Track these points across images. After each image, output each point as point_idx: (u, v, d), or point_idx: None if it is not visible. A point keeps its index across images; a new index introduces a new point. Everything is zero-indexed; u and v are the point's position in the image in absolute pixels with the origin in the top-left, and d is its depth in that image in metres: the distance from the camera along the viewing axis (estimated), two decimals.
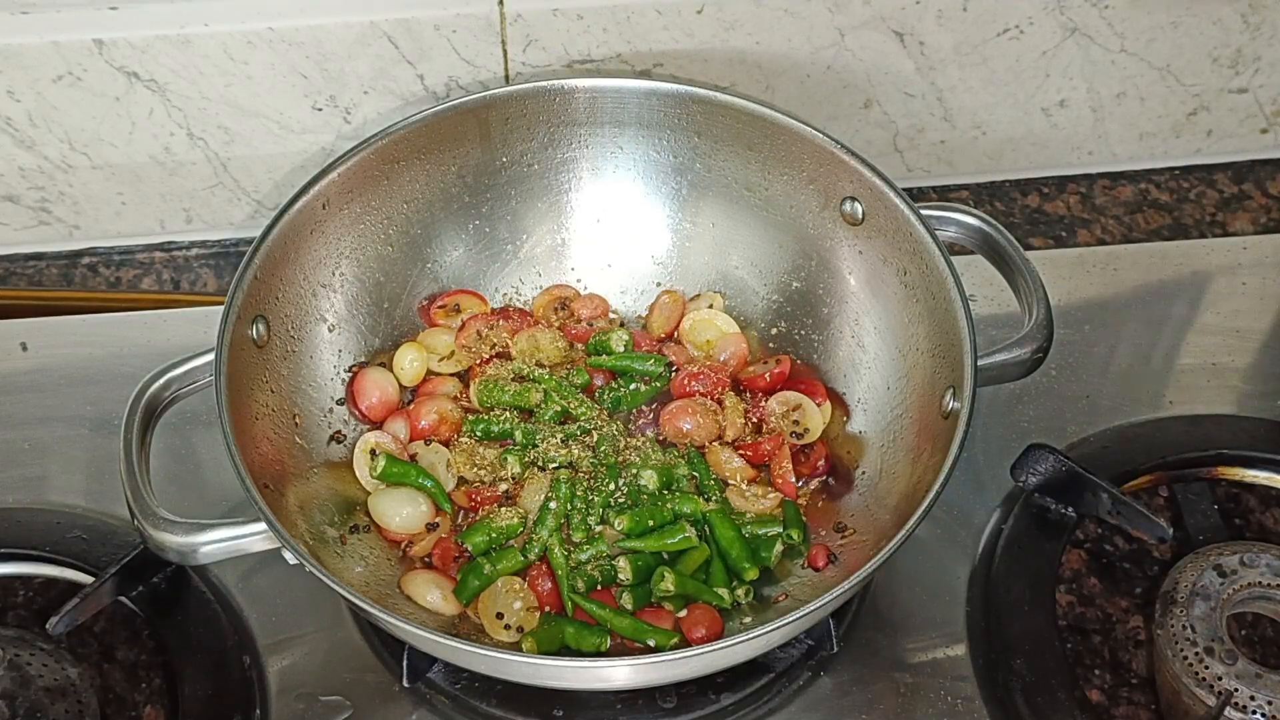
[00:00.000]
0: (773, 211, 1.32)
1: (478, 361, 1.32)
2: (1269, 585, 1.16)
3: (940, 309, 1.19)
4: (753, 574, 1.19)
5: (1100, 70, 1.49)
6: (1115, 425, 1.32)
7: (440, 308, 1.34)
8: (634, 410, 1.29)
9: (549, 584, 1.19)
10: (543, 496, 1.22)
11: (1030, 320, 1.20)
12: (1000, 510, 1.27)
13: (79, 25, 1.33)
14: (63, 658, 1.15)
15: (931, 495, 1.07)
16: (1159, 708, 1.16)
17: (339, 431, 1.27)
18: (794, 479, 1.25)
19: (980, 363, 1.14)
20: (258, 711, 1.16)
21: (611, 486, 1.23)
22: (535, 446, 1.25)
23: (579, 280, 1.38)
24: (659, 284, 1.38)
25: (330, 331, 1.29)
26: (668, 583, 1.17)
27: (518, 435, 1.26)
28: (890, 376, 1.26)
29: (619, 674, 1.11)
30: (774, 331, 1.35)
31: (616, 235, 1.37)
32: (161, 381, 1.15)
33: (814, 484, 1.26)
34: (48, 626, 1.14)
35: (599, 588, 1.19)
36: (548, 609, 1.18)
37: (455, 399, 1.30)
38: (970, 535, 1.26)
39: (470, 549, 1.20)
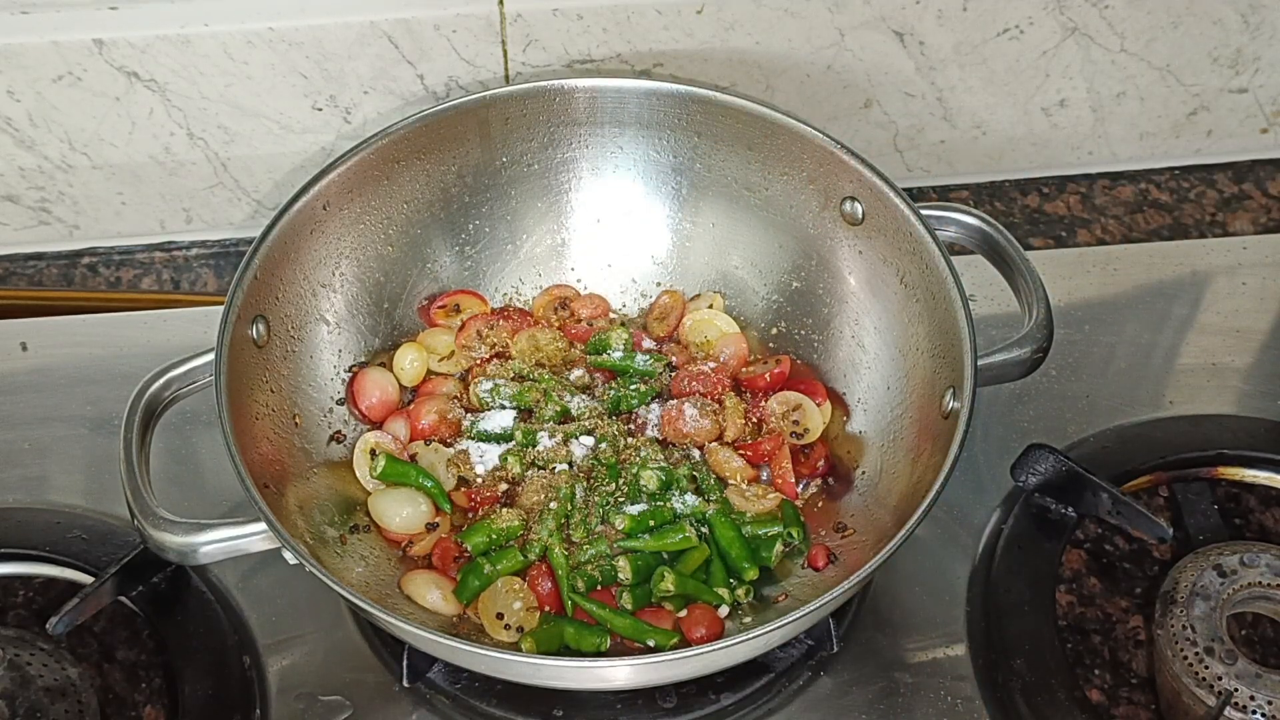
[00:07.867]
0: (773, 211, 1.32)
1: (477, 361, 1.32)
2: (1269, 585, 1.16)
3: (940, 309, 1.19)
4: (753, 574, 1.19)
5: (1100, 70, 1.49)
6: (1115, 425, 1.32)
7: (440, 308, 1.34)
8: (634, 410, 1.29)
9: (549, 584, 1.19)
10: (543, 496, 1.22)
11: (1030, 320, 1.20)
12: (1000, 510, 1.27)
13: (79, 25, 1.33)
14: (63, 658, 1.15)
15: (931, 495, 1.07)
16: (1159, 708, 1.16)
17: (339, 431, 1.27)
18: (794, 479, 1.25)
19: (980, 363, 1.14)
20: (258, 711, 1.16)
21: (611, 486, 1.23)
22: (535, 446, 1.25)
23: (579, 280, 1.38)
24: (659, 284, 1.38)
25: (330, 331, 1.29)
26: (668, 583, 1.17)
27: (518, 435, 1.26)
28: (890, 376, 1.26)
29: (619, 674, 1.11)
30: (774, 331, 1.34)
31: (616, 235, 1.37)
32: (161, 381, 1.15)
33: (814, 484, 1.26)
34: (48, 626, 1.14)
35: (599, 588, 1.19)
36: (548, 609, 1.18)
37: (455, 399, 1.30)
38: (970, 535, 1.26)
39: (470, 549, 1.20)
